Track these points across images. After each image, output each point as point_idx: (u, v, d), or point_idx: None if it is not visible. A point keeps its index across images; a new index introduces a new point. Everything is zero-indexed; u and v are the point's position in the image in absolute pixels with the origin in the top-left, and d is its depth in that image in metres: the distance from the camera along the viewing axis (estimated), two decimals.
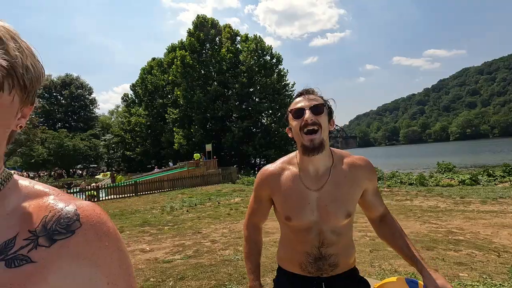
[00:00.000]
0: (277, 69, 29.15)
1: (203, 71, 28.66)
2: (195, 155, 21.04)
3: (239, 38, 30.20)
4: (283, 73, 29.33)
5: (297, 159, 1.15)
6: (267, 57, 28.83)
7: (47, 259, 0.37)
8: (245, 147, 26.73)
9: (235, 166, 22.13)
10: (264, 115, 28.75)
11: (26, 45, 0.42)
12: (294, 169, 1.14)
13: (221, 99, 27.89)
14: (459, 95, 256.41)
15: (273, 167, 1.18)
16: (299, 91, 1.13)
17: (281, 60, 29.37)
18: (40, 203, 0.42)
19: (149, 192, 14.60)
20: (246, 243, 1.26)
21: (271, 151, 25.94)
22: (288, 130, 1.14)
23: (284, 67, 29.56)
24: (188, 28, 30.38)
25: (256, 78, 28.06)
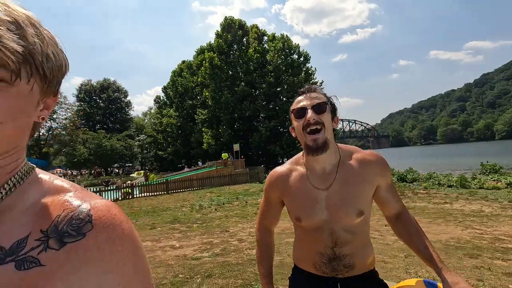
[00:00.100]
0: (304, 68, 28.82)
1: (230, 72, 29.12)
2: (223, 154, 21.37)
3: (266, 38, 30.28)
4: (311, 71, 28.95)
5: (303, 158, 1.14)
6: (295, 55, 28.61)
7: (55, 263, 0.35)
8: (272, 146, 26.70)
9: (262, 166, 22.17)
10: None
11: (48, 34, 0.39)
12: (301, 169, 1.13)
13: (248, 99, 28.13)
14: (506, 90, 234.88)
15: (281, 169, 1.18)
16: (301, 89, 1.10)
17: (309, 58, 28.99)
18: (56, 200, 0.40)
19: (180, 190, 15.03)
20: (258, 247, 1.26)
21: (298, 150, 25.53)
22: (291, 129, 1.12)
23: (312, 65, 29.29)
24: (216, 30, 31.09)
25: (283, 77, 27.94)
